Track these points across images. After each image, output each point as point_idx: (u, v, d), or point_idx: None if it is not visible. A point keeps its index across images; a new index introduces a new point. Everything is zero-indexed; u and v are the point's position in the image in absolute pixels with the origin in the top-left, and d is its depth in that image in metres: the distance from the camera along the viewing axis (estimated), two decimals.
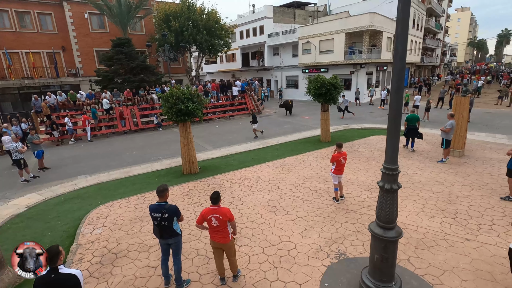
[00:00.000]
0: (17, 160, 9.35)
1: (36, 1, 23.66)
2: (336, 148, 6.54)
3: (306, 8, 39.31)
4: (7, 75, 22.84)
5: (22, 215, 6.99)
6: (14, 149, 9.30)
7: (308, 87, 12.18)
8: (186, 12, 25.13)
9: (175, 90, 8.63)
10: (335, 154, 6.43)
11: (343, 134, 13.93)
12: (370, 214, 6.06)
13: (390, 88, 3.96)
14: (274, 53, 34.76)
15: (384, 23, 25.62)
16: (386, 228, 3.45)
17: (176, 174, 9.31)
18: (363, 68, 25.72)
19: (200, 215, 3.99)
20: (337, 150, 6.48)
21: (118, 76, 22.03)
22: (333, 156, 6.46)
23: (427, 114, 16.27)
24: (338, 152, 6.42)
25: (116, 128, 17.54)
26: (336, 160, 6.38)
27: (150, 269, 4.67)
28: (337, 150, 6.48)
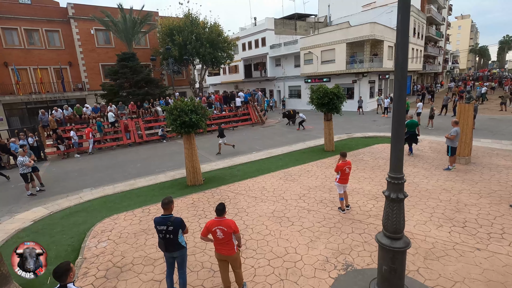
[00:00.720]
0: (24, 174, 9.44)
1: (44, 19, 24.42)
2: (340, 157, 6.51)
3: (307, 20, 39.94)
4: (16, 90, 23.38)
5: (28, 229, 7.01)
6: (21, 163, 9.41)
7: (310, 97, 12.26)
8: (190, 26, 25.69)
9: (179, 103, 8.74)
10: (340, 164, 6.41)
11: (347, 143, 13.89)
12: (377, 224, 5.97)
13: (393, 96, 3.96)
14: (276, 64, 35.18)
15: (384, 32, 25.89)
16: (393, 238, 3.39)
17: (181, 186, 9.31)
18: (365, 77, 25.85)
19: (205, 227, 3.97)
20: (341, 159, 6.46)
21: (123, 89, 22.42)
22: (338, 166, 6.43)
23: (431, 122, 16.20)
24: (343, 162, 6.41)
25: (121, 140, 17.71)
26: (340, 169, 6.35)
27: (155, 283, 4.62)
28: (341, 159, 6.46)
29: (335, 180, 6.56)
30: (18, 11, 23.45)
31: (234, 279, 4.23)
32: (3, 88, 23.02)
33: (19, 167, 9.54)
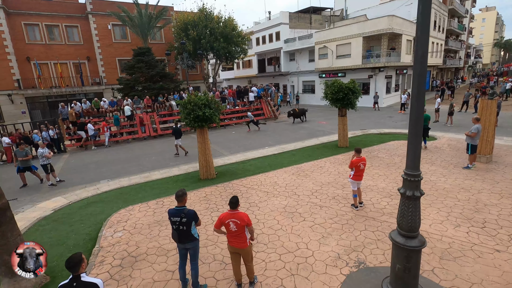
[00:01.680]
0: (44, 165, 9.83)
1: (64, 14, 25.09)
2: (354, 153, 6.40)
3: (323, 13, 39.19)
4: (37, 84, 24.24)
5: (49, 218, 7.31)
6: (41, 155, 9.79)
7: (325, 92, 12.07)
8: (204, 20, 25.75)
9: (193, 97, 8.81)
10: (354, 160, 6.29)
11: (361, 139, 13.64)
12: (390, 222, 5.86)
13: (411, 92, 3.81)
14: (290, 58, 34.81)
15: (403, 26, 25.06)
16: (408, 236, 3.32)
17: (194, 179, 9.44)
18: (382, 72, 25.18)
19: (218, 220, 4.02)
20: (355, 155, 6.34)
21: (139, 84, 22.84)
22: (352, 162, 6.32)
23: (450, 118, 15.63)
24: (357, 158, 6.28)
25: (136, 134, 18.10)
26: (355, 165, 6.25)
27: (168, 273, 4.73)
28: (355, 155, 6.34)
29: (349, 177, 6.47)
30: (40, 8, 24.18)
31: (246, 273, 4.27)
32: (25, 82, 23.92)
33: (39, 158, 9.94)
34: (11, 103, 23.56)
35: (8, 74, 23.10)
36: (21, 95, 23.84)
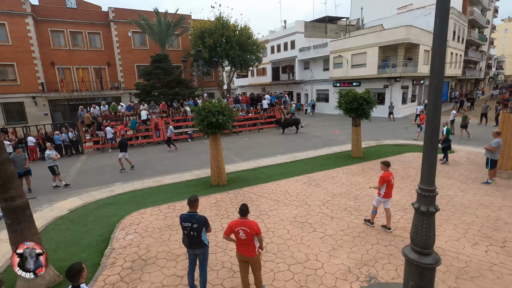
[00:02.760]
0: (51, 167, 10.09)
1: (87, 22, 26.21)
2: (383, 166, 5.87)
3: (338, 23, 39.19)
4: (60, 88, 25.27)
5: (64, 218, 7.53)
6: (47, 157, 10.05)
7: (339, 101, 11.99)
8: (220, 29, 26.26)
9: (207, 104, 8.95)
10: (384, 174, 5.71)
11: (375, 150, 13.40)
12: (404, 237, 5.69)
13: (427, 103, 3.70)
14: (304, 67, 34.88)
15: (421, 36, 24.71)
16: (422, 253, 3.21)
17: (205, 185, 9.52)
18: (398, 82, 24.80)
19: (228, 227, 4.03)
20: (384, 169, 5.83)
21: (155, 89, 23.41)
22: (382, 177, 5.68)
23: (465, 131, 15.05)
24: (386, 172, 5.77)
25: (151, 138, 18.48)
26: (386, 180, 5.67)
27: (176, 278, 4.75)
28: (384, 169, 5.83)
29: (379, 195, 5.84)
30: (66, 15, 25.38)
31: (254, 282, 4.24)
32: (49, 86, 24.99)
33: (46, 160, 10.18)
34: (34, 105, 24.63)
35: (33, 78, 24.23)
36: (44, 98, 24.91)
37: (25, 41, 23.45)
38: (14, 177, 4.45)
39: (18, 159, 9.48)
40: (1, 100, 23.15)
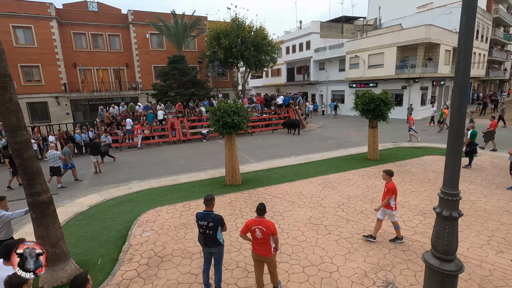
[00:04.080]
0: (58, 168, 10.18)
1: (108, 24, 27.05)
2: (386, 176, 5.42)
3: (355, 23, 38.54)
4: (81, 88, 26.20)
5: (84, 213, 7.79)
6: (53, 156, 10.03)
7: (355, 102, 11.80)
8: (236, 30, 26.42)
9: (223, 104, 9.03)
10: (392, 184, 5.30)
11: (392, 152, 13.08)
12: (423, 242, 5.52)
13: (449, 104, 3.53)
14: (320, 67, 34.54)
15: (441, 35, 23.92)
16: (443, 259, 3.11)
17: (219, 185, 9.59)
18: (417, 83, 24.12)
19: (244, 225, 4.08)
20: (388, 178, 5.40)
21: (172, 90, 23.84)
22: (391, 188, 5.24)
23: None
24: (392, 182, 5.37)
25: (167, 138, 18.83)
26: (395, 191, 5.29)
27: (192, 276, 4.81)
28: (388, 178, 5.40)
29: (391, 209, 5.35)
30: (88, 18, 26.30)
31: (270, 280, 4.27)
32: (71, 86, 25.95)
33: (50, 160, 10.07)
34: (57, 104, 25.64)
35: (56, 78, 25.24)
36: (66, 98, 25.88)
37: (50, 43, 24.46)
38: (40, 173, 4.64)
39: (68, 152, 10.59)
40: (27, 100, 24.22)
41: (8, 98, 4.29)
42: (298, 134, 19.38)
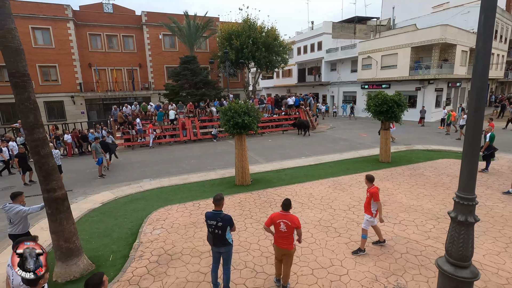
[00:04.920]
0: (59, 166, 9.93)
1: (122, 25, 27.60)
2: (366, 181, 5.20)
3: (368, 23, 37.97)
4: (95, 88, 26.83)
5: (97, 210, 7.96)
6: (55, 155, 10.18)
7: (367, 103, 11.62)
8: (247, 30, 26.49)
9: (233, 104, 9.05)
10: (376, 189, 5.04)
11: (405, 155, 12.81)
12: (436, 247, 5.38)
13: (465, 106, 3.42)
14: (331, 68, 34.23)
15: (458, 36, 23.29)
16: (458, 266, 3.02)
17: (229, 185, 9.62)
18: (432, 84, 23.57)
19: (269, 218, 4.21)
20: (369, 183, 5.17)
21: (183, 90, 24.11)
22: (375, 192, 4.98)
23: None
24: (375, 186, 5.12)
25: (178, 137, 19.04)
26: (378, 197, 5.02)
27: (200, 275, 4.84)
28: (369, 183, 5.17)
29: (370, 215, 5.09)
30: (103, 20, 26.92)
31: (282, 276, 4.35)
32: (86, 86, 26.61)
33: None
34: (73, 103, 26.33)
35: (72, 78, 25.92)
36: (82, 97, 26.54)
37: (67, 44, 25.16)
38: (55, 170, 4.78)
39: (98, 147, 11.11)
40: (44, 99, 24.96)
41: (27, 97, 4.43)
42: (308, 135, 19.26)
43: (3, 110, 24.29)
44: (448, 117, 17.98)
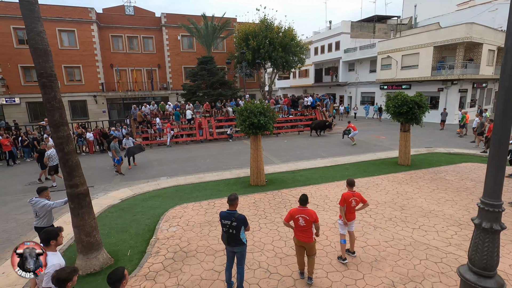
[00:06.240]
0: (55, 166, 10.27)
1: (142, 27, 28.35)
2: (346, 185, 5.24)
3: (388, 22, 37.05)
4: (116, 88, 27.71)
5: (116, 206, 8.21)
6: (50, 156, 10.12)
7: (386, 104, 11.33)
8: (264, 31, 26.50)
9: (249, 104, 9.08)
10: (344, 194, 5.06)
11: (426, 158, 12.38)
12: (458, 255, 5.16)
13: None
14: (349, 68, 33.64)
15: (484, 34, 22.25)
16: (482, 275, 2.88)
17: (244, 185, 9.66)
18: (455, 85, 22.66)
19: (288, 214, 4.42)
20: (347, 188, 5.19)
21: (200, 90, 24.45)
22: (342, 196, 5.03)
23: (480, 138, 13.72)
24: (347, 192, 5.12)
25: (194, 136, 19.33)
26: (346, 202, 5.00)
27: (214, 273, 4.89)
28: (347, 188, 5.19)
29: (339, 218, 5.12)
30: (124, 21, 27.76)
31: (307, 266, 4.53)
32: (107, 86, 27.54)
33: (48, 159, 10.20)
34: (95, 103, 27.32)
35: (95, 78, 26.90)
36: (103, 97, 27.48)
37: (90, 46, 26.13)
38: (78, 167, 4.97)
39: (117, 146, 11.58)
40: (69, 98, 26.03)
41: (53, 96, 4.64)
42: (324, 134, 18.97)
43: (32, 108, 25.54)
44: (462, 118, 17.47)
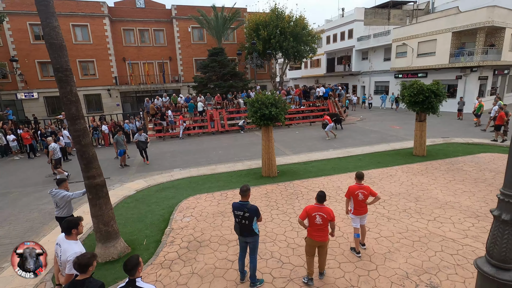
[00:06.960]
0: (59, 159, 10.71)
1: (153, 20, 28.44)
2: (355, 177, 5.09)
3: (404, 8, 35.63)
4: (129, 81, 28.11)
5: (132, 197, 8.44)
6: (54, 149, 10.38)
7: (401, 93, 11.03)
8: (275, 20, 26.07)
9: (261, 96, 9.03)
10: (350, 187, 4.96)
11: (442, 148, 12.05)
12: (475, 247, 5.06)
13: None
14: (362, 57, 32.79)
15: (508, 18, 21.10)
16: (500, 268, 2.81)
17: (256, 176, 9.71)
18: (475, 72, 21.73)
19: (304, 211, 4.19)
20: (355, 181, 5.04)
21: (211, 82, 24.48)
22: (348, 189, 4.97)
23: (499, 134, 12.71)
24: (354, 184, 4.99)
25: (206, 128, 19.48)
26: (352, 195, 4.89)
27: (228, 262, 4.99)
28: (355, 181, 5.04)
29: (350, 211, 5.05)
30: (136, 15, 27.92)
31: (318, 265, 4.43)
32: (120, 79, 27.96)
33: (51, 153, 10.38)
34: (109, 96, 27.86)
35: (108, 72, 27.36)
36: (117, 90, 27.97)
37: (103, 40, 26.49)
38: (95, 158, 5.12)
39: (120, 139, 11.84)
40: (84, 92, 26.65)
41: (69, 90, 4.76)
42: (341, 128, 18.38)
43: (49, 102, 26.32)
44: (479, 108, 16.97)
